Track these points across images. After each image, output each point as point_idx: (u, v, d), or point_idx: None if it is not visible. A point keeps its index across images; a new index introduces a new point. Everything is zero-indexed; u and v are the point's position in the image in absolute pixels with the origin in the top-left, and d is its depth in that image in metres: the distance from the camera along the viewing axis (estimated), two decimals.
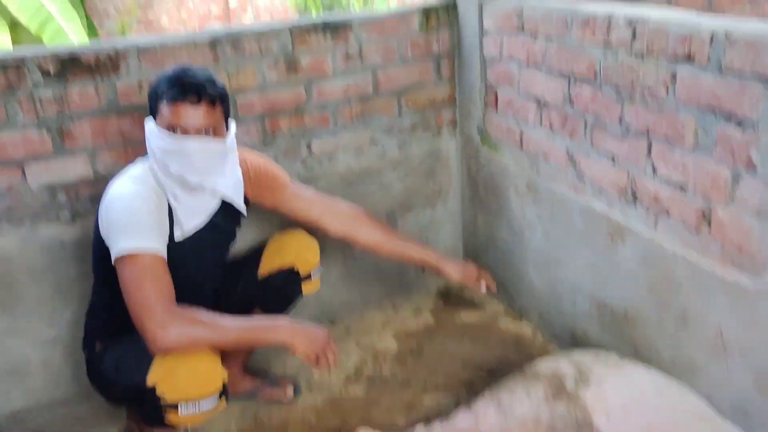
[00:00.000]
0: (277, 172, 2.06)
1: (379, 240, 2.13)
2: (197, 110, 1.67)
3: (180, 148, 1.68)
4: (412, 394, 2.22)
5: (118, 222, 1.65)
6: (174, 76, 1.68)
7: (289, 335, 1.69)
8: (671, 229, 1.77)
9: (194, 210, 1.81)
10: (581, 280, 2.18)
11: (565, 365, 1.84)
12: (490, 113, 2.51)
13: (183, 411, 1.64)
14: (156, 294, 1.59)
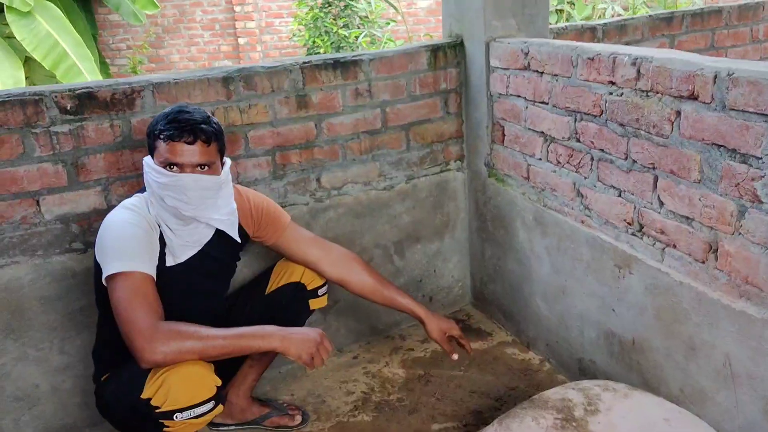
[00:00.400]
0: (279, 213, 2.12)
1: (370, 288, 2.18)
2: (192, 148, 1.76)
3: (175, 183, 1.76)
4: (420, 422, 2.23)
5: (110, 246, 1.73)
6: (170, 116, 1.76)
7: (279, 340, 1.72)
8: (678, 260, 1.79)
9: (188, 239, 1.89)
10: (588, 310, 2.19)
11: (573, 394, 1.84)
12: (497, 147, 2.56)
13: (179, 417, 1.66)
14: (143, 311, 1.64)
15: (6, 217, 2.02)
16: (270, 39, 9.09)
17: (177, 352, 1.62)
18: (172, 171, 1.75)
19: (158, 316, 1.66)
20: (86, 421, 2.24)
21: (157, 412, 1.66)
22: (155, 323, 1.63)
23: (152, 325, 1.62)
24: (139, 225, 1.78)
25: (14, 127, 1.96)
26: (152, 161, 1.79)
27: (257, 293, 2.17)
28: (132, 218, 1.78)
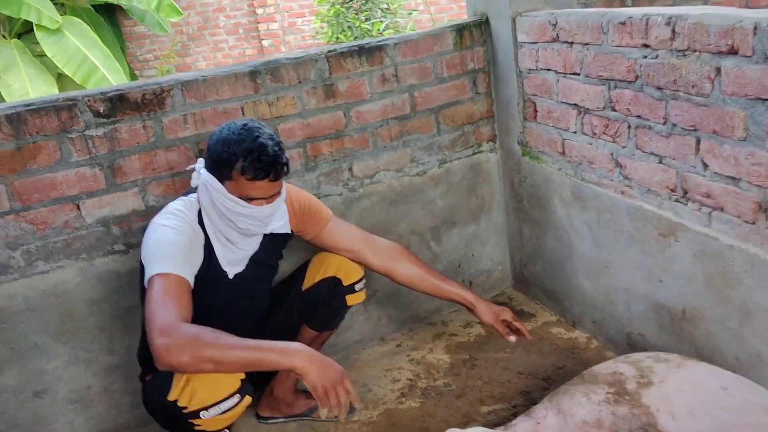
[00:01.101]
0: (320, 207, 2.11)
1: (417, 277, 2.16)
2: (274, 184, 1.79)
3: (255, 213, 1.80)
4: (468, 405, 2.20)
5: (152, 251, 1.74)
6: (255, 154, 1.72)
7: (302, 360, 1.60)
8: (726, 224, 1.73)
9: (247, 248, 1.95)
10: (634, 283, 2.14)
11: (624, 367, 1.80)
12: (530, 124, 2.52)
13: (205, 416, 1.66)
14: (168, 311, 1.60)
15: (49, 223, 2.06)
16: (293, 39, 9.13)
17: (192, 358, 1.55)
18: (250, 203, 1.78)
19: (183, 319, 1.61)
20: (137, 421, 2.28)
21: (184, 413, 1.66)
22: (176, 324, 1.57)
23: (172, 325, 1.57)
24: (182, 231, 1.79)
25: (50, 133, 1.99)
26: (223, 188, 1.77)
27: (294, 290, 2.16)
28: (175, 224, 1.79)
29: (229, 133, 1.76)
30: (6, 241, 2.01)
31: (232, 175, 1.75)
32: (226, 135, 1.76)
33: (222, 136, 1.76)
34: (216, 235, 1.88)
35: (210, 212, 1.84)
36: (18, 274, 2.04)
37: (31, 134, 1.97)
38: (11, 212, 2.00)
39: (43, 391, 2.13)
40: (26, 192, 2.01)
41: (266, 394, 2.25)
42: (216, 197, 1.79)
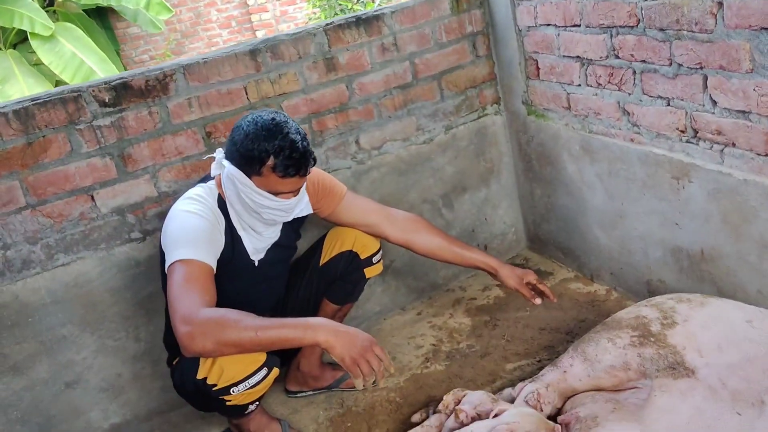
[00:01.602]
0: (334, 183, 2.11)
1: (437, 246, 2.15)
2: (302, 179, 1.79)
3: (283, 207, 1.81)
4: (493, 364, 2.22)
5: (174, 237, 1.74)
6: (285, 152, 1.70)
7: (325, 334, 1.58)
8: (739, 158, 1.73)
9: (271, 235, 1.97)
10: (650, 229, 2.14)
11: (647, 310, 1.81)
12: (533, 82, 2.51)
13: (235, 391, 1.70)
14: (190, 298, 1.59)
15: (65, 215, 2.07)
16: (287, 27, 9.09)
17: (216, 344, 1.55)
18: (278, 197, 1.78)
19: (205, 305, 1.60)
20: (169, 405, 2.31)
21: (214, 390, 1.69)
22: (198, 311, 1.56)
23: (194, 313, 1.56)
24: (204, 216, 1.79)
25: (59, 126, 2.01)
26: (251, 183, 1.76)
27: (312, 266, 2.17)
28: (197, 209, 1.80)
29: (257, 128, 1.72)
30: (25, 237, 2.03)
31: (261, 171, 1.73)
32: (255, 130, 1.71)
33: (250, 131, 1.72)
34: (241, 225, 1.89)
35: (235, 204, 1.84)
36: (40, 268, 2.07)
37: (39, 128, 1.98)
38: (28, 207, 2.02)
39: (74, 382, 2.16)
40: (40, 186, 2.02)
41: (293, 369, 2.28)
42: (243, 190, 1.78)
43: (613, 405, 1.69)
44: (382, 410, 2.13)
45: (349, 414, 2.15)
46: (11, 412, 2.08)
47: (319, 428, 2.12)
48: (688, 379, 1.60)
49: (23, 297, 2.05)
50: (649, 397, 1.63)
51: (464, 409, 1.74)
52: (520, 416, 1.59)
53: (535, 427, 1.57)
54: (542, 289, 2.09)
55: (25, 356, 2.07)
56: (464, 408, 1.75)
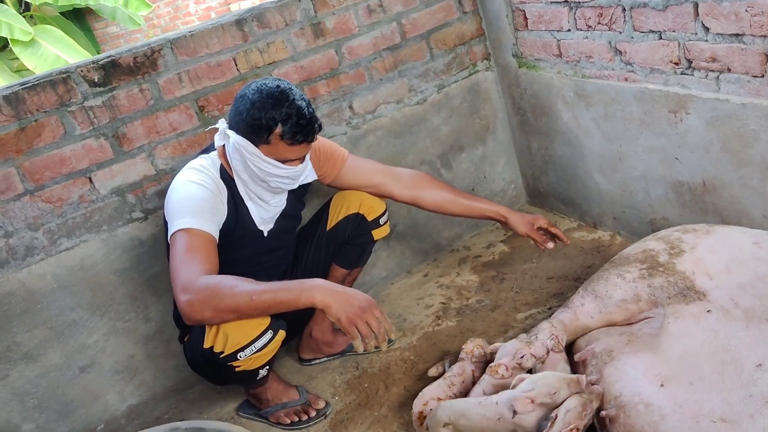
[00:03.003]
0: (335, 147, 2.10)
1: (444, 200, 2.13)
2: (309, 146, 1.80)
3: (290, 174, 1.81)
4: (504, 315, 2.23)
5: (176, 206, 1.74)
6: (293, 119, 1.70)
7: (321, 294, 1.55)
8: (735, 83, 1.73)
9: (278, 204, 1.97)
10: (650, 168, 2.14)
11: (654, 243, 1.81)
12: (522, 34, 2.50)
13: (242, 356, 1.70)
14: (191, 267, 1.59)
15: (64, 199, 2.06)
16: None
17: (215, 311, 1.55)
18: (285, 164, 1.78)
19: (206, 273, 1.59)
20: (186, 383, 2.31)
21: (222, 358, 1.70)
22: (196, 279, 1.55)
23: (192, 281, 1.55)
24: (206, 185, 1.79)
25: (50, 109, 1.99)
26: (258, 151, 1.75)
27: (319, 231, 2.17)
28: (199, 178, 1.80)
29: (262, 96, 1.71)
30: (26, 223, 2.02)
31: (270, 140, 1.73)
32: (261, 99, 1.71)
33: (256, 100, 1.71)
34: (248, 195, 1.89)
35: (241, 173, 1.84)
36: (44, 253, 2.06)
37: (31, 112, 1.97)
38: (26, 193, 2.01)
39: (88, 366, 2.16)
40: (37, 171, 2.01)
41: (305, 337, 2.28)
42: (250, 159, 1.77)
43: (627, 337, 1.70)
44: (398, 369, 2.14)
45: (365, 375, 2.15)
46: (28, 400, 2.08)
47: (337, 392, 2.12)
48: (700, 302, 1.61)
49: (30, 284, 2.04)
50: (663, 325, 1.64)
51: (503, 362, 1.71)
52: (535, 383, 1.53)
53: (554, 388, 1.51)
54: (554, 232, 2.09)
55: (37, 343, 2.07)
56: (503, 361, 1.71)
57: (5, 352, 2.03)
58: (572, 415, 1.45)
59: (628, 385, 1.50)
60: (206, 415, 2.17)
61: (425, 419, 1.75)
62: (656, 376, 1.48)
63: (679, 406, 1.37)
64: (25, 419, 2.08)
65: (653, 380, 1.47)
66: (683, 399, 1.38)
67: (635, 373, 1.51)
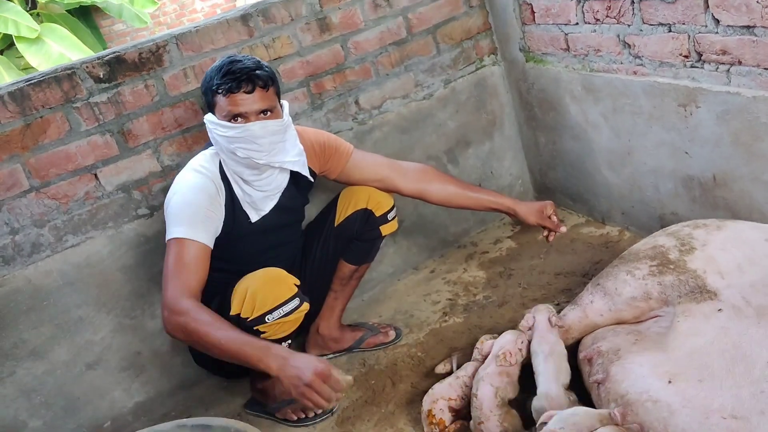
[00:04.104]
0: (340, 142, 2.08)
1: (451, 193, 2.12)
2: (252, 96, 1.75)
3: (244, 134, 1.76)
4: (512, 311, 2.22)
5: (172, 213, 1.78)
6: (224, 69, 1.74)
7: (277, 366, 1.56)
8: (746, 76, 1.71)
9: (266, 188, 1.91)
10: (660, 162, 2.12)
11: (664, 239, 1.79)
12: (529, 28, 2.47)
13: (270, 319, 1.74)
14: (178, 282, 1.67)
15: (70, 196, 2.06)
16: None
17: (185, 337, 1.65)
18: (237, 123, 1.75)
19: (192, 288, 1.68)
20: (192, 379, 2.31)
21: (249, 321, 1.72)
22: (179, 300, 1.64)
23: (176, 301, 1.64)
24: (203, 189, 1.79)
25: (55, 105, 1.98)
26: (215, 117, 1.78)
27: (327, 227, 2.15)
28: (198, 182, 1.80)
29: (211, 69, 1.79)
30: (32, 220, 2.02)
31: (214, 100, 1.76)
32: (209, 71, 1.79)
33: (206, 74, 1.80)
34: (234, 178, 1.87)
35: (221, 154, 1.84)
36: (50, 250, 2.05)
37: (36, 109, 1.96)
38: (32, 190, 2.00)
39: (95, 363, 2.16)
40: (43, 168, 2.01)
41: (312, 333, 2.27)
42: (212, 130, 1.79)
43: (635, 336, 1.68)
44: (405, 366, 2.13)
45: (372, 372, 2.14)
46: (35, 396, 2.08)
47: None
48: (711, 301, 1.58)
49: (36, 281, 2.04)
50: (672, 324, 1.62)
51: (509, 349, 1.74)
52: (564, 422, 1.43)
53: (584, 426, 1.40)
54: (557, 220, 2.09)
55: (44, 340, 2.07)
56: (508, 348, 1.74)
57: (12, 349, 2.03)
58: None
59: (635, 382, 1.48)
60: (213, 412, 2.16)
61: (434, 417, 1.74)
62: (664, 373, 1.46)
63: (689, 402, 1.35)
64: (32, 416, 2.08)
65: (661, 377, 1.45)
66: (692, 395, 1.36)
67: (642, 370, 1.49)
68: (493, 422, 1.62)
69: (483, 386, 1.69)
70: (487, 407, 1.65)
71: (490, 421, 1.63)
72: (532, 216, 2.06)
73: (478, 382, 1.71)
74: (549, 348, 1.71)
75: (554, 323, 1.77)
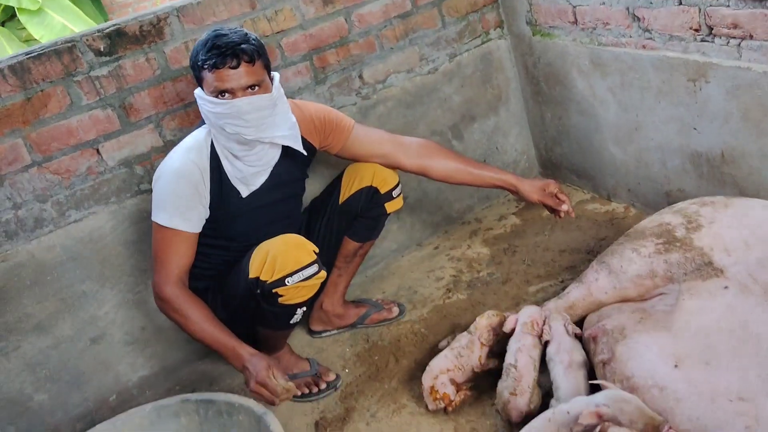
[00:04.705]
0: (341, 117, 2.05)
1: (453, 169, 2.08)
2: (238, 72, 1.71)
3: (230, 110, 1.73)
4: (516, 288, 2.21)
5: (157, 195, 1.82)
6: (209, 43, 1.70)
7: (240, 365, 1.74)
8: (757, 51, 1.67)
9: (257, 163, 1.88)
10: (667, 138, 2.09)
11: (670, 217, 1.78)
12: (536, 1, 2.43)
13: (290, 282, 1.76)
14: (166, 267, 1.79)
15: (72, 171, 2.05)
16: None
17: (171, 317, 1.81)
18: (224, 98, 1.72)
19: (175, 277, 1.78)
20: (196, 354, 2.32)
21: (269, 284, 1.75)
22: (165, 286, 1.77)
23: (162, 286, 1.78)
24: (188, 177, 1.79)
25: (56, 78, 1.96)
26: (203, 93, 1.76)
27: (331, 204, 2.13)
28: (183, 168, 1.79)
29: (198, 43, 1.75)
30: (34, 195, 2.01)
31: (201, 75, 1.73)
32: (196, 45, 1.75)
33: (193, 48, 1.76)
34: (224, 154, 1.85)
35: (212, 129, 1.82)
36: (53, 225, 2.05)
37: (37, 82, 1.94)
38: (34, 165, 1.99)
39: (99, 337, 2.16)
40: (44, 143, 1.99)
41: (316, 309, 2.27)
42: (202, 107, 1.77)
43: (640, 314, 1.67)
44: (408, 342, 2.13)
45: (375, 348, 2.15)
46: (39, 370, 2.09)
47: (347, 364, 2.12)
48: (717, 278, 1.57)
49: (39, 256, 2.04)
50: (677, 302, 1.61)
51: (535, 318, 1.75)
52: (613, 402, 1.38)
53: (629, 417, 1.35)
54: (563, 199, 2.02)
55: (48, 314, 2.07)
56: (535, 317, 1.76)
57: (17, 324, 2.03)
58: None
59: (641, 365, 1.47)
60: (217, 387, 2.17)
61: (437, 393, 1.74)
62: (670, 356, 1.45)
63: (695, 387, 1.35)
64: (37, 390, 2.09)
65: (667, 361, 1.44)
66: (698, 379, 1.36)
67: (648, 353, 1.48)
68: (526, 398, 1.61)
69: (522, 357, 1.68)
70: (526, 382, 1.64)
71: (524, 395, 1.62)
72: (534, 193, 2.02)
73: (516, 354, 1.70)
74: (568, 359, 1.65)
75: (570, 332, 1.72)
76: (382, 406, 1.89)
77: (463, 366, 1.79)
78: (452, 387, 1.76)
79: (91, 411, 2.17)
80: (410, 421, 1.80)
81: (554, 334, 1.71)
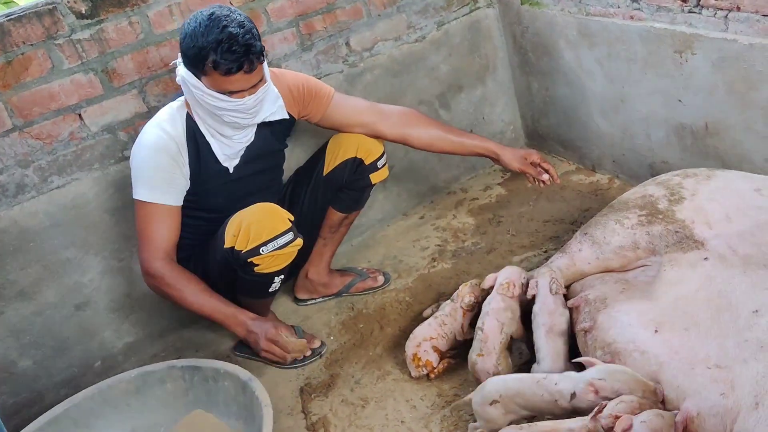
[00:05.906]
0: (320, 86, 2.03)
1: (434, 137, 2.08)
2: (251, 76, 1.71)
3: (237, 107, 1.74)
4: (500, 258, 2.23)
5: (135, 171, 1.82)
6: (224, 45, 1.63)
7: (242, 331, 1.84)
8: (744, 23, 1.68)
9: (242, 140, 1.90)
10: (653, 110, 2.10)
11: (653, 189, 1.79)
12: None
13: (264, 251, 1.78)
14: (151, 242, 1.81)
15: (54, 136, 2.02)
16: None
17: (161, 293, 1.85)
18: (231, 96, 1.71)
19: (163, 251, 1.81)
20: (181, 321, 2.32)
21: (243, 253, 1.76)
22: (153, 262, 1.80)
23: (150, 263, 1.81)
24: (165, 150, 1.78)
25: (37, 41, 1.92)
26: (202, 84, 1.71)
27: (315, 175, 2.12)
28: (160, 142, 1.78)
29: (196, 25, 1.66)
30: (16, 160, 1.98)
31: (205, 71, 1.68)
32: (194, 28, 1.66)
33: (190, 30, 1.67)
34: (209, 131, 1.84)
35: (197, 109, 1.80)
36: (35, 191, 2.03)
37: (17, 45, 1.90)
38: (15, 129, 1.96)
39: (84, 304, 2.16)
40: (26, 107, 1.96)
41: (301, 277, 2.28)
42: (197, 94, 1.74)
43: (622, 285, 1.69)
44: (393, 310, 2.15)
45: (361, 316, 2.17)
46: (23, 336, 2.09)
47: (332, 332, 2.14)
48: (698, 250, 1.60)
49: (22, 221, 2.02)
50: (659, 273, 1.63)
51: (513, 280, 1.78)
52: (608, 375, 1.38)
53: (626, 387, 1.36)
54: (546, 168, 2.05)
55: (31, 281, 2.06)
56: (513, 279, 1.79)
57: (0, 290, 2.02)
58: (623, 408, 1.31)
59: (622, 331, 1.50)
60: (202, 354, 2.19)
61: (420, 360, 1.76)
62: (650, 321, 1.48)
63: (675, 353, 1.38)
64: (21, 355, 2.09)
65: (647, 326, 1.47)
66: (678, 345, 1.39)
67: (629, 319, 1.51)
68: (492, 359, 1.64)
69: (489, 320, 1.71)
70: (492, 343, 1.67)
71: (491, 356, 1.65)
72: (515, 162, 2.04)
73: (484, 317, 1.73)
74: (550, 321, 1.67)
75: (554, 291, 1.73)
76: (367, 373, 1.91)
77: (447, 334, 1.81)
78: (435, 354, 1.78)
79: (76, 377, 2.18)
80: (394, 387, 1.83)
81: (540, 290, 1.74)
